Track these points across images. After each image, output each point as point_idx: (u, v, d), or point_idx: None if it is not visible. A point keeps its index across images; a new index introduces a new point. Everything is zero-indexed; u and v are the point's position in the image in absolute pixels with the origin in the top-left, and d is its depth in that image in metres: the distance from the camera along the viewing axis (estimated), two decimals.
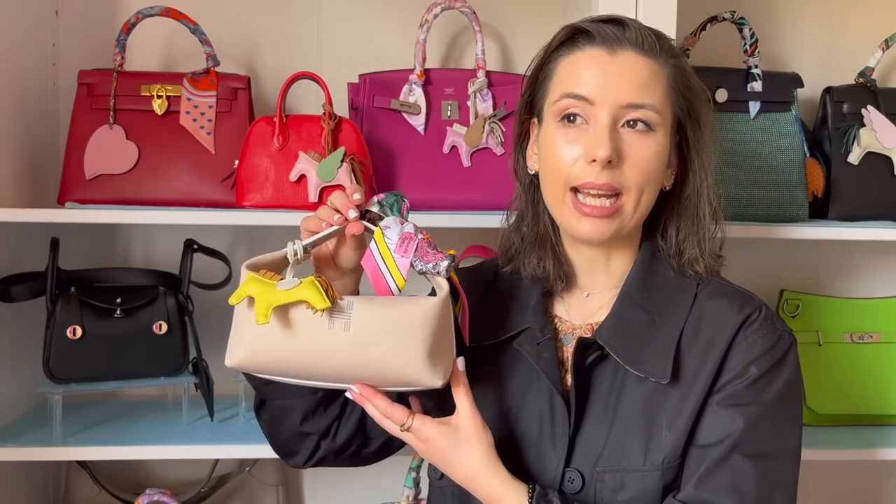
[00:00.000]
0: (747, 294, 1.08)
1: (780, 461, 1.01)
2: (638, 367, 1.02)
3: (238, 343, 0.97)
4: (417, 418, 0.99)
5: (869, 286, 1.85)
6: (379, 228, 0.98)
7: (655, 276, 1.08)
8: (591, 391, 1.04)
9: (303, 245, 0.99)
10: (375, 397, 0.98)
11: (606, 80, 1.02)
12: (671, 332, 1.04)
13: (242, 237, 1.74)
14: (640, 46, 1.03)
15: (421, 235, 0.98)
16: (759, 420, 1.00)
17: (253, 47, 1.74)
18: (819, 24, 1.83)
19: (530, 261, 1.12)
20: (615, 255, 1.10)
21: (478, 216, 1.47)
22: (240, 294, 0.95)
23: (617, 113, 1.01)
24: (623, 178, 1.01)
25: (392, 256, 0.96)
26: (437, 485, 1.12)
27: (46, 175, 1.66)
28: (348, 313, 0.94)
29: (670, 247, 1.09)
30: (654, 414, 1.01)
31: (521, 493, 0.99)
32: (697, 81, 1.09)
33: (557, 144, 1.04)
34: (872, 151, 1.62)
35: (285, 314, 0.94)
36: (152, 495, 1.45)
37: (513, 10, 1.77)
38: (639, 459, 1.00)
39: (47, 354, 1.48)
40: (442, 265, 0.96)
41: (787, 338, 1.05)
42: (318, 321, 0.93)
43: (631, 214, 1.03)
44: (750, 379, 1.01)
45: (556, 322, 1.12)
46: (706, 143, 1.08)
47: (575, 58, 1.05)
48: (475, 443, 0.99)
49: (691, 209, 1.08)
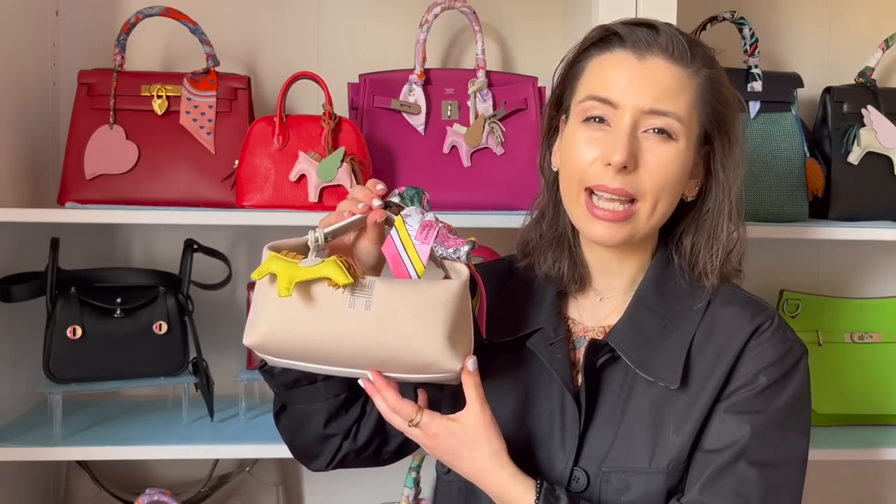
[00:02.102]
0: (760, 302, 1.07)
1: (785, 470, 1.00)
2: (648, 371, 1.02)
3: (258, 320, 0.96)
4: (426, 414, 0.99)
5: (869, 286, 1.85)
6: (400, 216, 0.98)
7: (669, 283, 1.07)
8: (600, 393, 1.04)
9: (324, 233, 0.98)
10: (387, 390, 0.97)
11: (631, 85, 1.01)
12: (683, 337, 1.04)
13: (242, 237, 1.74)
14: (671, 53, 1.02)
15: (441, 223, 0.99)
16: (766, 428, 1.00)
17: (253, 47, 1.74)
18: (819, 24, 1.83)
19: (546, 259, 1.12)
20: (629, 258, 1.09)
21: (478, 216, 1.47)
22: (262, 270, 0.94)
23: (638, 118, 1.00)
24: (638, 184, 1.01)
25: (412, 243, 0.96)
26: (444, 479, 1.12)
27: (46, 175, 1.66)
28: (369, 291, 0.93)
29: (683, 258, 1.08)
30: (662, 417, 1.01)
31: (528, 489, 0.99)
32: (732, 93, 1.07)
33: (577, 143, 1.03)
34: (872, 151, 1.62)
35: (307, 290, 0.93)
36: (152, 495, 1.45)
37: (513, 10, 1.77)
38: (644, 461, 1.01)
39: (47, 354, 1.48)
40: (462, 250, 0.97)
41: (799, 348, 1.04)
42: (340, 298, 0.93)
43: (645, 220, 1.02)
44: (759, 387, 1.00)
45: (569, 324, 1.12)
46: (735, 157, 1.06)
47: (604, 59, 1.04)
48: (484, 440, 0.99)
49: (710, 223, 1.07)
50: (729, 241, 1.07)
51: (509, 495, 0.99)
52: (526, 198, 1.22)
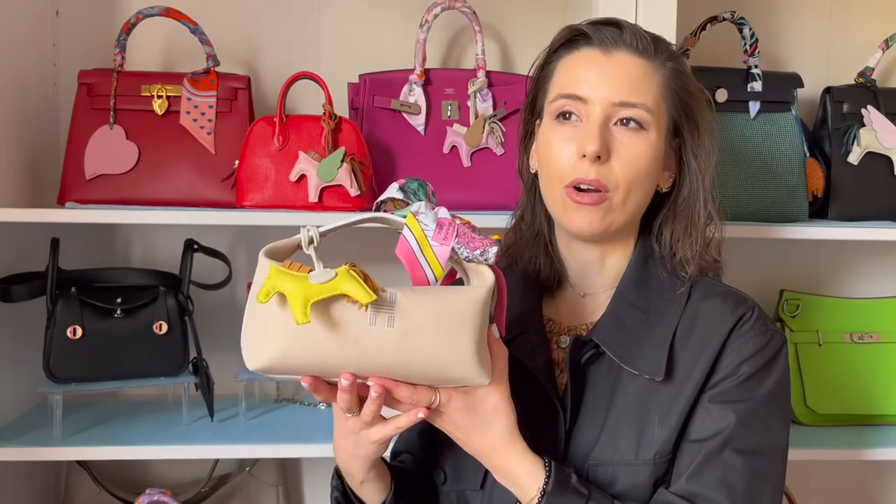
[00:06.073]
0: (740, 294, 1.09)
1: (769, 458, 1.02)
2: (632, 365, 1.03)
3: (266, 343, 0.85)
4: (443, 392, 0.95)
5: (869, 286, 1.85)
6: (411, 214, 0.91)
7: (650, 276, 1.09)
8: (586, 389, 1.05)
9: (319, 232, 0.89)
10: (397, 387, 0.92)
11: (599, 79, 1.04)
12: (665, 330, 1.05)
13: (242, 237, 1.74)
14: (635, 48, 1.05)
15: (458, 220, 0.93)
16: (750, 417, 1.01)
17: (253, 47, 1.74)
18: (819, 24, 1.83)
19: (522, 257, 1.14)
20: (610, 255, 1.11)
21: (478, 216, 1.46)
22: (268, 290, 0.83)
23: (609, 111, 1.03)
24: (611, 175, 1.03)
25: (430, 244, 0.89)
26: (443, 490, 1.13)
27: (46, 175, 1.66)
28: (391, 307, 0.85)
29: (664, 248, 1.10)
30: (647, 410, 1.02)
31: (538, 466, 0.98)
32: (697, 85, 1.10)
33: (553, 141, 1.06)
34: (872, 151, 1.62)
35: (323, 309, 0.83)
36: (152, 495, 1.45)
37: (513, 10, 1.77)
38: (631, 454, 1.01)
39: (47, 354, 1.48)
40: (490, 251, 0.92)
41: (779, 338, 1.06)
42: (358, 317, 0.84)
43: (620, 208, 1.04)
44: (742, 377, 1.02)
45: (551, 325, 1.13)
46: (705, 146, 1.09)
47: (572, 58, 1.07)
48: (501, 415, 0.97)
49: (686, 212, 1.09)
50: (707, 229, 1.09)
51: (518, 471, 0.98)
52: None
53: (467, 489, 1.08)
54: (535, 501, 0.97)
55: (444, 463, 1.11)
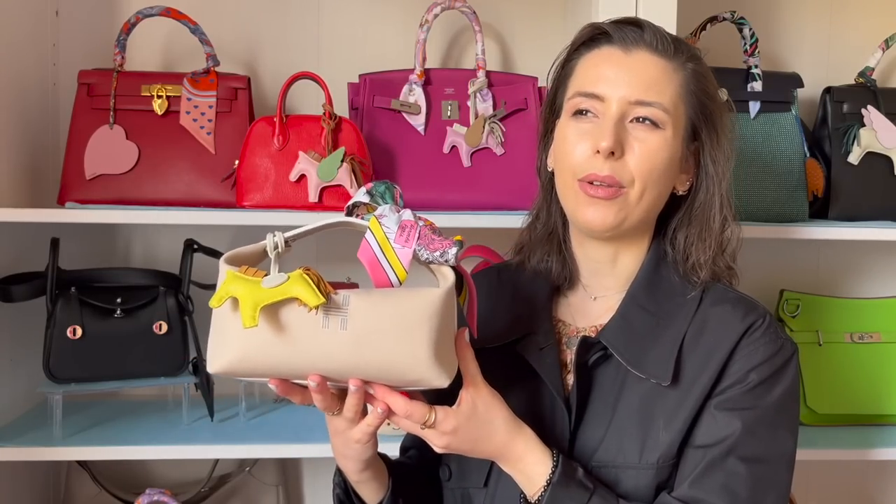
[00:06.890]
0: (751, 301, 1.08)
1: (774, 466, 1.01)
2: (640, 368, 1.02)
3: (222, 348, 0.87)
4: (439, 411, 0.95)
5: (869, 286, 1.85)
6: (374, 217, 0.92)
7: (662, 280, 1.08)
8: (592, 391, 1.05)
9: (284, 238, 0.90)
10: (392, 395, 0.93)
11: (618, 77, 1.03)
12: (674, 335, 1.04)
13: (242, 237, 1.73)
14: (655, 48, 1.05)
15: (422, 222, 0.93)
16: (756, 425, 1.00)
17: (253, 47, 1.74)
18: (819, 24, 1.83)
19: (535, 254, 1.14)
20: (622, 256, 1.10)
21: (478, 216, 1.47)
22: (221, 295, 0.85)
23: (625, 108, 1.03)
24: (625, 171, 1.02)
25: (392, 247, 0.89)
26: (447, 486, 1.13)
27: (46, 175, 1.66)
28: (344, 310, 0.85)
29: (678, 252, 1.09)
30: (652, 413, 1.02)
31: (546, 455, 0.99)
32: (717, 88, 1.09)
33: (568, 137, 1.05)
34: (872, 151, 1.62)
35: (274, 314, 0.85)
36: (152, 495, 1.45)
37: (513, 10, 1.77)
38: (634, 457, 1.01)
39: (47, 354, 1.48)
40: (450, 252, 0.91)
41: (789, 347, 1.05)
42: (311, 320, 0.85)
43: (634, 205, 1.03)
44: (749, 385, 1.01)
45: (560, 326, 1.12)
46: (724, 151, 1.08)
47: (592, 56, 1.07)
48: (495, 409, 0.98)
49: (702, 216, 1.08)
50: (723, 235, 1.08)
51: (528, 458, 0.99)
52: (526, 198, 1.23)
53: (471, 486, 1.08)
54: (540, 492, 0.97)
55: (449, 459, 1.11)
